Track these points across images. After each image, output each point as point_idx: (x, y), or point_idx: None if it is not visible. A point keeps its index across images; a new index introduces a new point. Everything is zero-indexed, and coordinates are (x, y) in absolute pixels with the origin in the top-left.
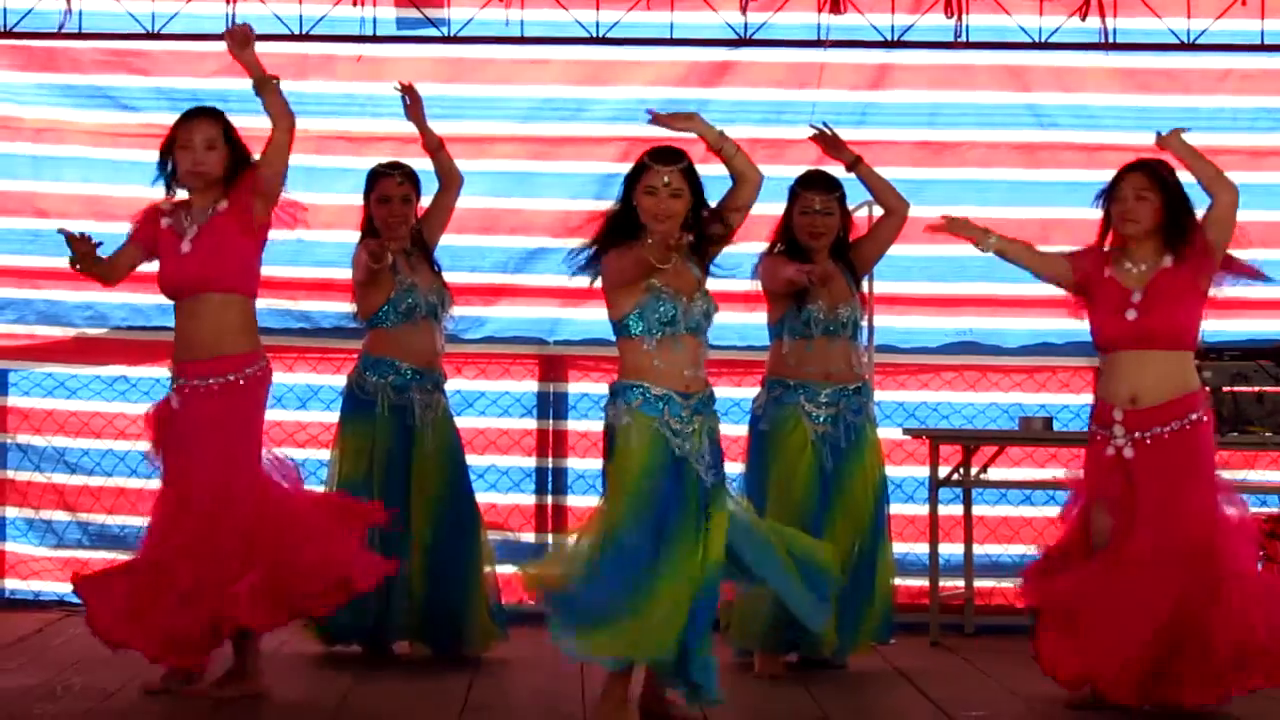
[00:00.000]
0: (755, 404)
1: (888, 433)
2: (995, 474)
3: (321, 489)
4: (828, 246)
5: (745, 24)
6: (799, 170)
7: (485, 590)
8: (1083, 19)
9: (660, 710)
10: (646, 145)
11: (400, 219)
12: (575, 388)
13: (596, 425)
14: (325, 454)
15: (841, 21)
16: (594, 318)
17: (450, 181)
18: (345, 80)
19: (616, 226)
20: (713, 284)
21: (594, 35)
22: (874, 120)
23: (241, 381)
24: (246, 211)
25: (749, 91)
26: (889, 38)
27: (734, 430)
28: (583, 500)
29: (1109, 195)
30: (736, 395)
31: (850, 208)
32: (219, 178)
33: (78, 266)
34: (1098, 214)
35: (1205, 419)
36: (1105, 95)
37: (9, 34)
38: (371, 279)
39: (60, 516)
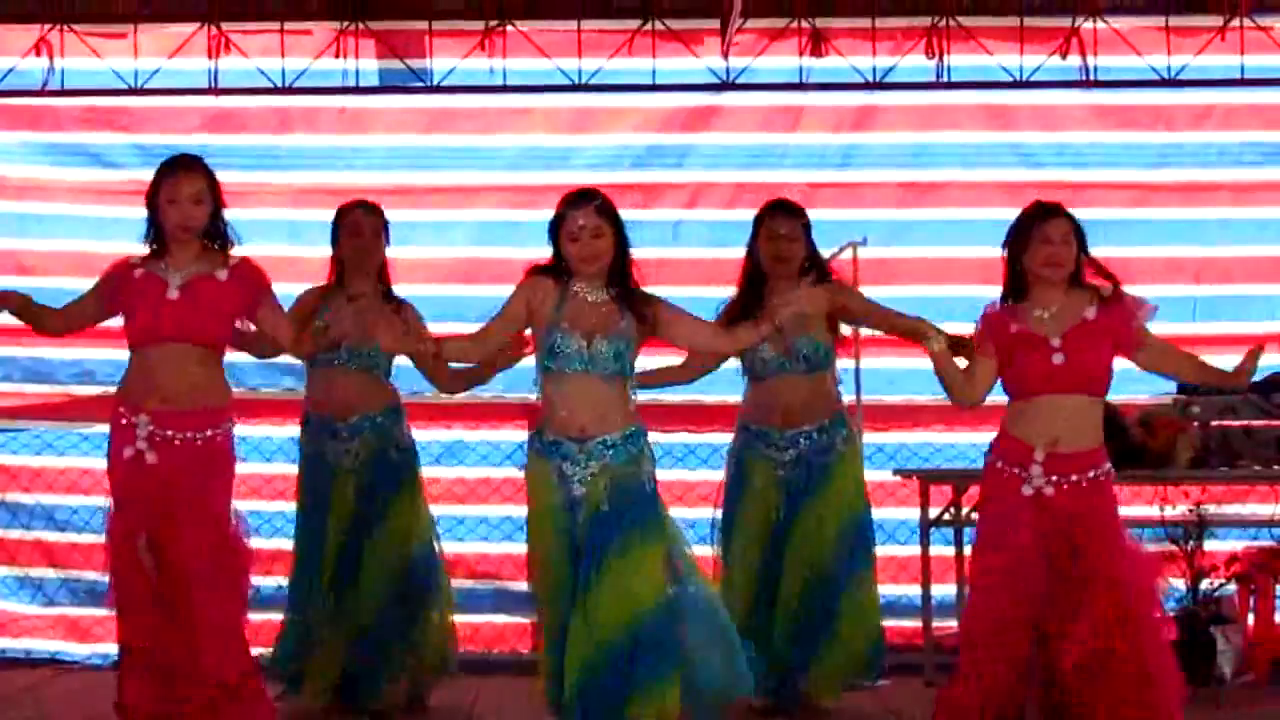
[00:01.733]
0: (731, 445)
1: (877, 474)
2: None
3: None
4: (793, 275)
5: (727, 69)
6: None
7: (421, 636)
8: (1063, 57)
9: None
10: (631, 190)
11: (368, 252)
12: None
13: None
14: None
15: (823, 64)
16: None
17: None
18: (327, 133)
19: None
20: None
21: (576, 83)
22: (857, 162)
23: (219, 438)
24: (241, 303)
25: (732, 136)
26: (871, 79)
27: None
28: None
29: (1026, 239)
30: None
31: (839, 248)
32: (203, 229)
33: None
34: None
35: (1111, 473)
36: (1088, 133)
37: None
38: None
39: (49, 574)
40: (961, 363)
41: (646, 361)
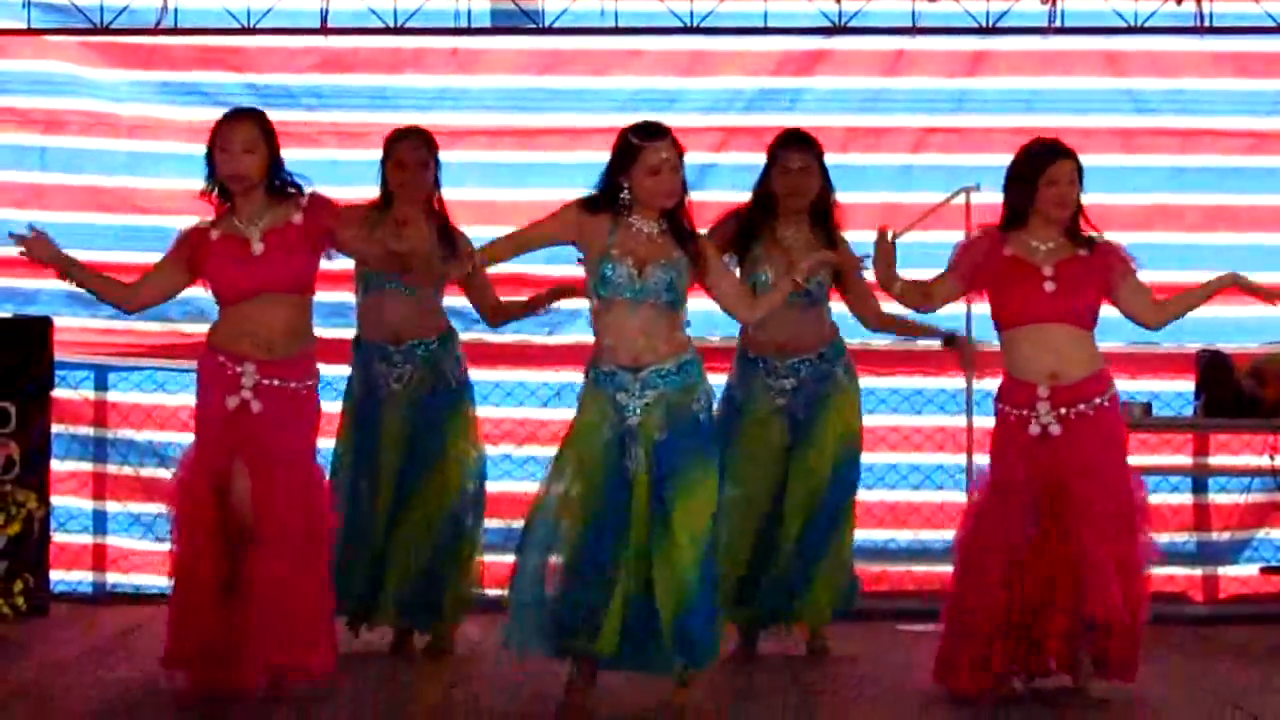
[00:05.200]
0: (730, 375)
1: (980, 420)
2: None
3: None
4: (805, 209)
5: (839, 11)
6: (894, 158)
7: (456, 574)
8: (1179, 3)
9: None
10: (741, 134)
11: (416, 185)
12: None
13: None
14: None
15: (936, 8)
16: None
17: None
18: (438, 74)
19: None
20: None
21: (688, 25)
22: (970, 107)
23: (313, 384)
24: (322, 239)
25: (844, 80)
26: (984, 24)
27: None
28: None
29: (1034, 176)
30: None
31: (952, 193)
32: (259, 181)
33: (70, 280)
34: (1200, 199)
35: (1116, 396)
36: (1202, 79)
37: (106, 30)
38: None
39: (160, 512)
40: None
41: None
